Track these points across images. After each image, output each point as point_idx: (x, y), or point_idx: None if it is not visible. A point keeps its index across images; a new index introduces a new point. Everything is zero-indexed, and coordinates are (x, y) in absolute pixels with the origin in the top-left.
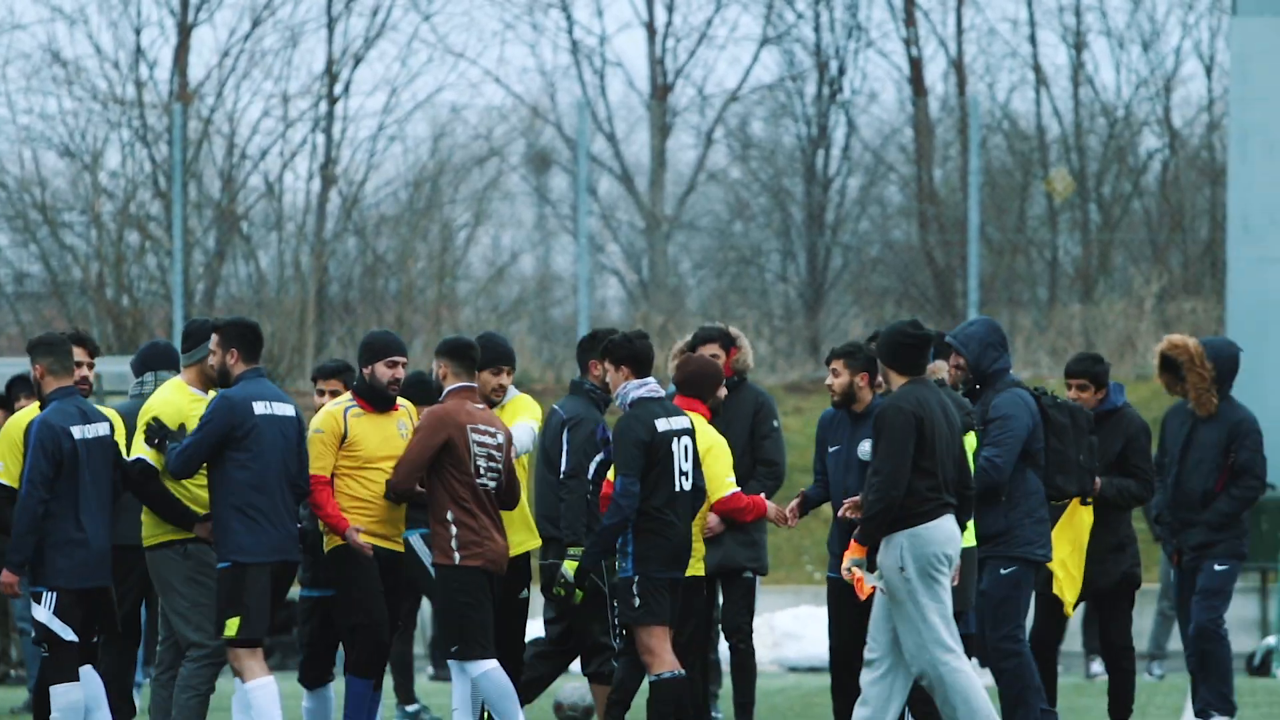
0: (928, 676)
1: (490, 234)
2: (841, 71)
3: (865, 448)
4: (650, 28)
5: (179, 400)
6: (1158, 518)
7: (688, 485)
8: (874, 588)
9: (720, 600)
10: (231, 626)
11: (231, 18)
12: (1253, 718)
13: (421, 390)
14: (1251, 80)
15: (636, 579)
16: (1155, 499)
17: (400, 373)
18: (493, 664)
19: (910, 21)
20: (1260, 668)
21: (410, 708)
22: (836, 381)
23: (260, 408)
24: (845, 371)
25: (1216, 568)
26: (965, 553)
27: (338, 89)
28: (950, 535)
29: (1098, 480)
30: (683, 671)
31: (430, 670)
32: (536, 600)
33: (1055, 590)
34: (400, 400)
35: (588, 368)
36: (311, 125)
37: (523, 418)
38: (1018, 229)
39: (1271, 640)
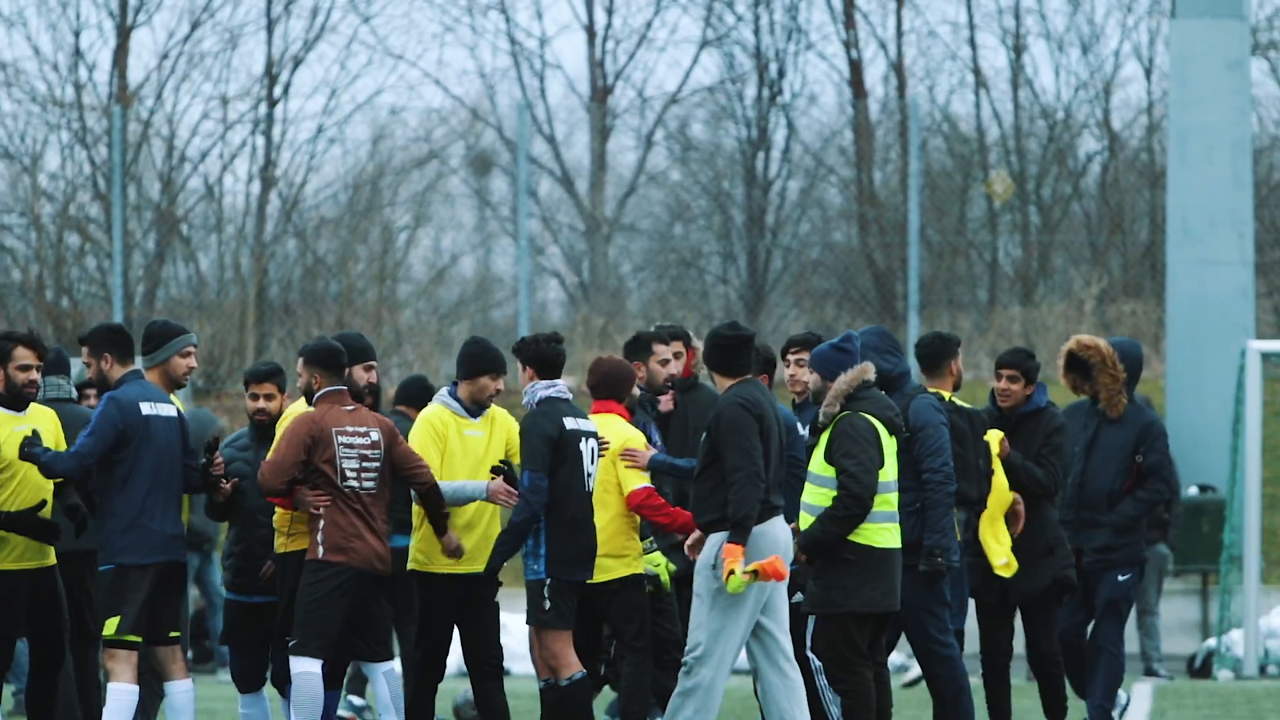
0: (689, 666)
1: (430, 236)
2: (781, 74)
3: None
4: (590, 30)
5: None
6: (1061, 519)
7: (592, 486)
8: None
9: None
10: (110, 625)
11: (170, 20)
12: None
13: (421, 394)
14: (1190, 83)
15: (548, 581)
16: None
17: (374, 376)
18: (316, 666)
19: (850, 24)
20: (1201, 670)
21: (357, 700)
22: (801, 372)
23: (146, 408)
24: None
25: (1120, 578)
26: (891, 555)
27: (277, 91)
28: (775, 541)
29: (1005, 444)
30: (584, 671)
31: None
32: None
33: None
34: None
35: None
36: (251, 127)
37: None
38: (958, 231)
39: (1212, 642)
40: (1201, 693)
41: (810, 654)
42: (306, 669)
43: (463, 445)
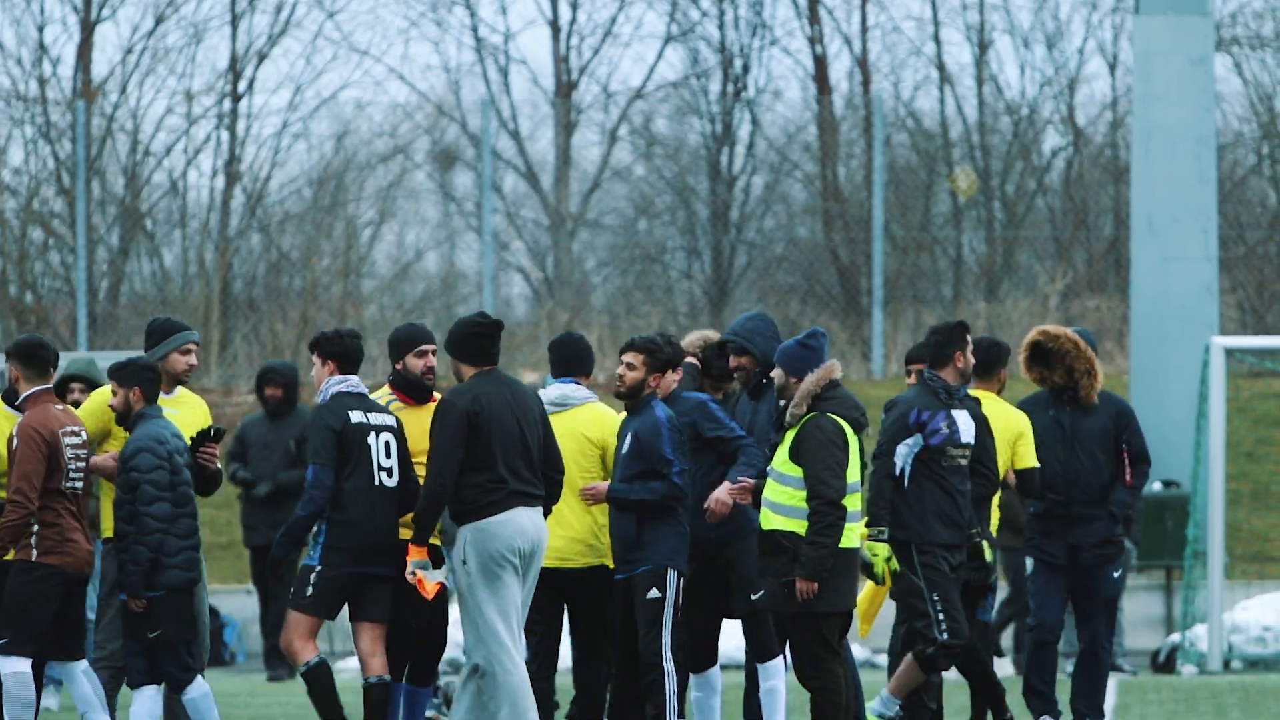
0: (482, 670)
1: (395, 231)
2: (746, 69)
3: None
4: (554, 25)
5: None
6: (1041, 513)
7: (390, 482)
8: (439, 584)
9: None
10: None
11: (135, 14)
12: (1158, 715)
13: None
14: (1154, 79)
15: (318, 569)
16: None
17: (431, 360)
18: (27, 665)
19: (815, 19)
20: (1165, 665)
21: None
22: (630, 375)
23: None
24: (642, 367)
25: (1115, 574)
26: (854, 554)
27: (242, 86)
28: (520, 529)
29: None
30: (320, 658)
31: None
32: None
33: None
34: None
35: (948, 360)
36: (215, 122)
37: None
38: (922, 227)
39: (1176, 638)
40: (1165, 688)
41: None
42: (18, 669)
43: None
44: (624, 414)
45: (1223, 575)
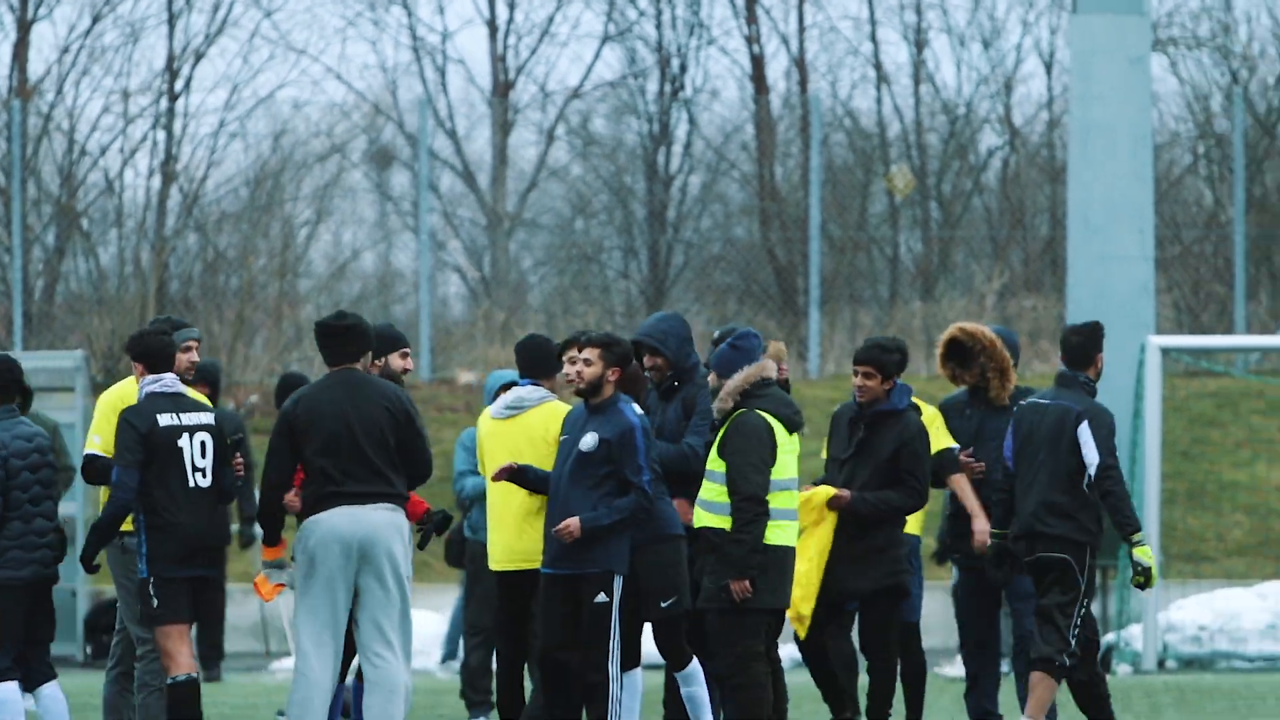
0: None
1: (332, 231)
2: (683, 69)
3: (589, 440)
4: (492, 25)
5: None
6: (949, 519)
7: (204, 482)
8: (279, 586)
9: None
10: None
11: (72, 14)
12: None
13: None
14: (1091, 78)
15: (151, 580)
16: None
17: (409, 363)
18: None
19: (752, 19)
20: (1100, 664)
21: None
22: (588, 371)
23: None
24: (599, 362)
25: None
26: (788, 552)
27: (178, 85)
28: (333, 529)
29: (845, 493)
30: (195, 674)
31: None
32: None
33: (791, 614)
34: None
35: (1091, 361)
36: (152, 122)
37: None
38: (859, 226)
39: (1111, 637)
40: None
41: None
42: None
43: None
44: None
45: (1158, 574)
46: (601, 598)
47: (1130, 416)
